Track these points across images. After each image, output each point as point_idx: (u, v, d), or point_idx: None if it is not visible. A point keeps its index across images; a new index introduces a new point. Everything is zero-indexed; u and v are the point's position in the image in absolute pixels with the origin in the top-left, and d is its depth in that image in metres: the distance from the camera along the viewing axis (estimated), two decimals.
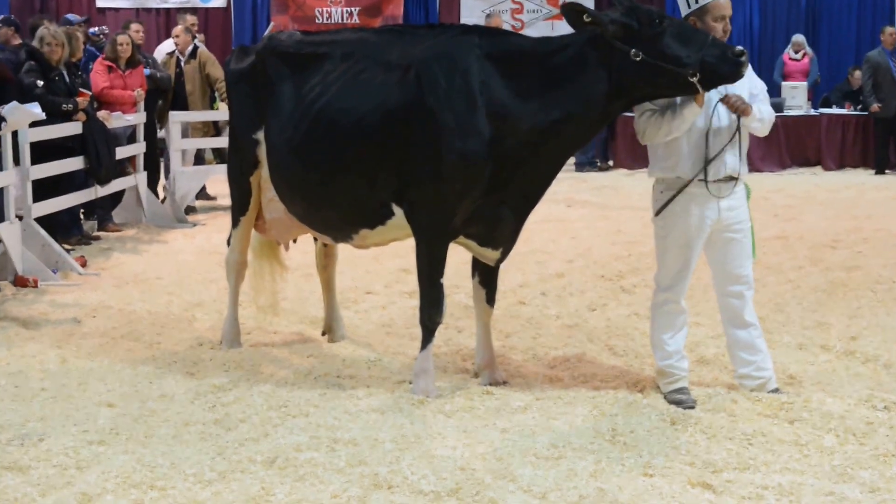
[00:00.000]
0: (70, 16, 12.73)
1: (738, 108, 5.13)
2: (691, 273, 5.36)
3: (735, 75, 5.02)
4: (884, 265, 8.87)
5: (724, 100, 5.15)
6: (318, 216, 5.87)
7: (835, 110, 16.78)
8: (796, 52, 17.44)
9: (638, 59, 5.02)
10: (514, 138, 5.26)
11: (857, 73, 17.03)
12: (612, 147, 16.90)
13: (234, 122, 6.25)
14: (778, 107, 16.38)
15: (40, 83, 9.44)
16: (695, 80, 4.96)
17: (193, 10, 17.66)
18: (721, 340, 5.91)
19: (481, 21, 17.81)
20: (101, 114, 10.27)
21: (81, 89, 9.77)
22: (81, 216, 10.67)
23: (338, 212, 5.73)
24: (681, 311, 5.41)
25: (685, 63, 4.97)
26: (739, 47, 4.99)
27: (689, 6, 5.26)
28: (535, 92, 5.25)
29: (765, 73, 16.71)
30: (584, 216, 11.94)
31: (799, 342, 6.51)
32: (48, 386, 5.68)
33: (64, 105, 9.43)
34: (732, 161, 5.25)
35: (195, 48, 12.65)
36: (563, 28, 18.61)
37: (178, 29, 12.83)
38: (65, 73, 9.79)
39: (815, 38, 18.88)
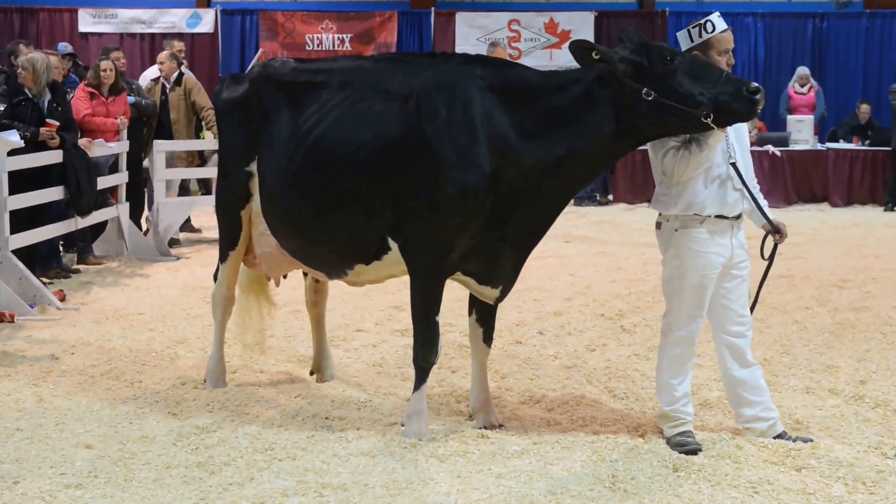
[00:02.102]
0: (61, 44, 12.79)
1: (784, 238, 5.40)
2: (705, 314, 5.38)
3: (750, 114, 5.06)
4: (894, 306, 8.90)
5: (780, 239, 5.36)
6: (311, 251, 5.88)
7: (842, 145, 16.89)
8: (802, 86, 17.57)
9: (650, 98, 5.04)
10: (516, 173, 5.28)
11: (865, 107, 17.17)
12: (611, 181, 16.98)
13: (226, 153, 6.26)
14: (783, 141, 16.52)
15: (1, 108, 9.46)
16: (708, 120, 4.99)
17: (179, 36, 17.76)
18: None
19: (477, 48, 17.98)
20: (82, 141, 10.27)
21: (48, 119, 9.73)
22: (61, 248, 10.67)
23: (332, 246, 5.74)
24: (691, 355, 5.43)
25: (698, 102, 4.99)
26: (755, 84, 5.00)
27: (691, 41, 5.30)
28: (539, 126, 5.27)
29: (769, 106, 16.84)
30: (582, 252, 11.97)
31: (806, 386, 6.52)
32: (24, 426, 5.65)
33: (21, 132, 9.34)
34: (743, 198, 5.34)
35: (180, 75, 12.70)
36: (560, 57, 18.91)
37: (163, 55, 12.87)
38: (44, 99, 9.79)
39: (822, 70, 19.04)
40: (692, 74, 5.05)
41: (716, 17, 5.31)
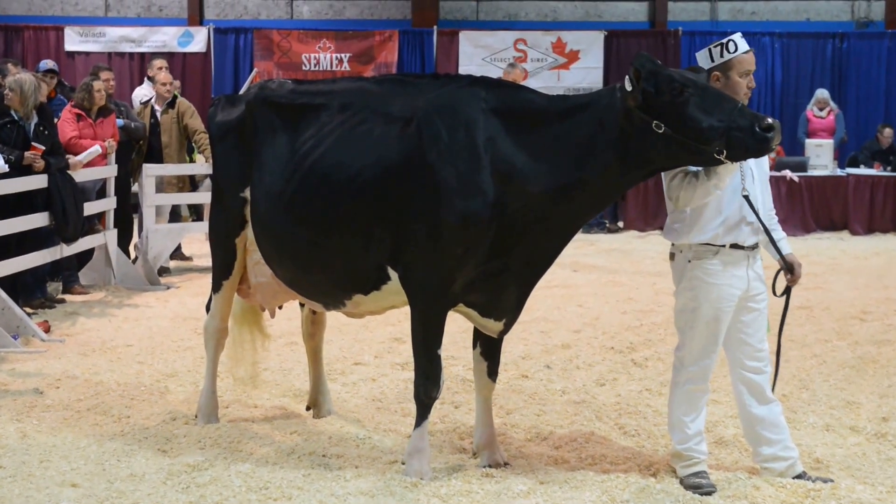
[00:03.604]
0: (42, 62, 12.87)
1: (797, 280, 5.46)
2: (719, 349, 5.39)
3: (762, 151, 5.05)
4: None
5: (793, 280, 5.41)
6: (308, 280, 5.90)
7: (863, 171, 16.92)
8: (821, 109, 17.64)
9: (660, 130, 5.05)
10: (521, 201, 5.30)
11: (887, 131, 17.21)
12: (622, 207, 16.99)
13: (220, 178, 6.29)
14: (802, 166, 16.55)
15: None
16: (721, 157, 4.97)
17: (170, 55, 17.87)
18: None
19: (482, 69, 18.06)
20: (71, 160, 10.29)
21: (33, 143, 9.77)
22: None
23: (330, 275, 5.76)
24: (704, 392, 5.43)
25: (709, 138, 4.97)
26: (769, 120, 4.96)
27: (712, 60, 5.33)
28: (545, 153, 5.29)
29: (787, 130, 16.89)
30: (591, 282, 11.98)
31: (826, 423, 6.53)
32: (6, 464, 5.66)
33: (5, 156, 9.39)
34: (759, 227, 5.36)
35: (174, 97, 12.76)
36: (568, 78, 18.96)
37: (166, 76, 12.86)
38: (30, 122, 9.83)
39: (842, 93, 19.09)
40: (704, 108, 5.01)
41: (738, 38, 5.33)
